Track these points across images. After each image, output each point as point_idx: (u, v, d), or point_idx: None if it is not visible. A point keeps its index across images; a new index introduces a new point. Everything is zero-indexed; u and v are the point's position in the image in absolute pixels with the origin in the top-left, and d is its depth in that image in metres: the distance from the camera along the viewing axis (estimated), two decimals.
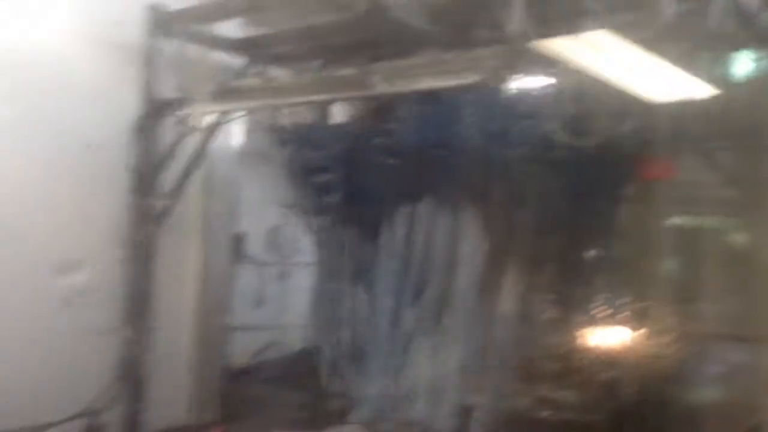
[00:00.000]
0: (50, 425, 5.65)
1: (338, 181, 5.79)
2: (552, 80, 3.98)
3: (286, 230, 8.80)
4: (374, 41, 4.76)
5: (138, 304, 6.22)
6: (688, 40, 3.82)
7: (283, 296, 8.99)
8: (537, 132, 4.00)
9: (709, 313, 4.81)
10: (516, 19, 4.30)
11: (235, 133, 7.27)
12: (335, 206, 5.91)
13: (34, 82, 5.77)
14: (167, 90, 6.13)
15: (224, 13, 6.24)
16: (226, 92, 5.52)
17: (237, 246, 7.98)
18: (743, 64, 4.23)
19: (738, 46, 4.12)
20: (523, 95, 4.12)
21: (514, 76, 4.05)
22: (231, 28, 6.66)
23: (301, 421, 6.22)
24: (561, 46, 3.59)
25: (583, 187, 4.50)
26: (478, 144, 4.65)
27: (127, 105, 6.17)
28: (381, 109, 5.18)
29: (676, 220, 4.64)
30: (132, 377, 6.15)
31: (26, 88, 5.71)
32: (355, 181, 5.61)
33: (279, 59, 6.59)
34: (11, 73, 5.63)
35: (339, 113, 6.80)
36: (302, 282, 7.84)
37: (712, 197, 4.99)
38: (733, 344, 4.79)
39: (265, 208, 8.57)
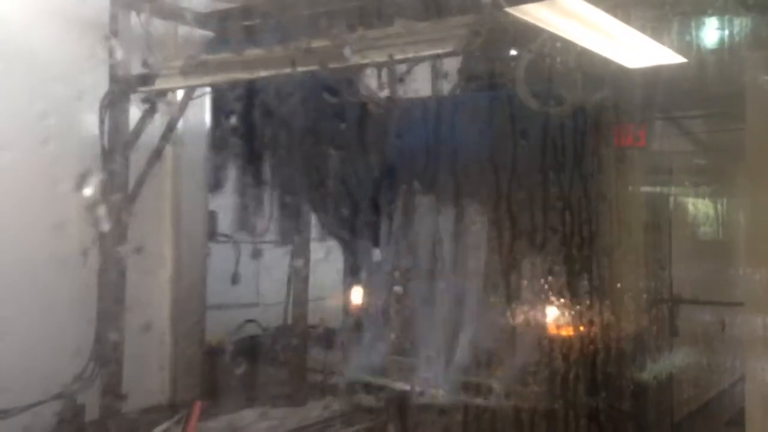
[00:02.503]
0: (23, 408, 5.58)
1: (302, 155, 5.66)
2: (523, 48, 3.96)
3: (259, 208, 8.71)
4: (346, 12, 4.69)
5: (112, 283, 6.13)
6: (659, 7, 3.83)
7: (258, 274, 8.94)
8: (507, 99, 3.98)
9: (680, 279, 4.89)
10: None
11: (206, 110, 7.17)
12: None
13: None
14: (134, 66, 6.01)
15: None
16: (195, 67, 5.41)
17: (210, 224, 7.90)
18: (714, 30, 4.25)
19: (709, 13, 4.14)
20: (495, 63, 4.09)
21: (486, 45, 4.02)
22: (198, 2, 6.53)
23: (280, 397, 6.23)
24: (533, 13, 3.57)
25: (554, 154, 4.52)
26: (446, 111, 4.63)
27: (94, 82, 6.03)
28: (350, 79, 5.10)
29: (648, 188, 4.68)
30: (108, 357, 6.07)
31: None
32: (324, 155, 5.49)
33: (248, 33, 6.48)
34: None
35: None
36: (277, 260, 7.81)
37: (683, 164, 5.06)
38: (703, 309, 4.88)
39: (238, 186, 8.48)
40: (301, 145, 5.43)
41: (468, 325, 4.64)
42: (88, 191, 6.04)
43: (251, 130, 5.63)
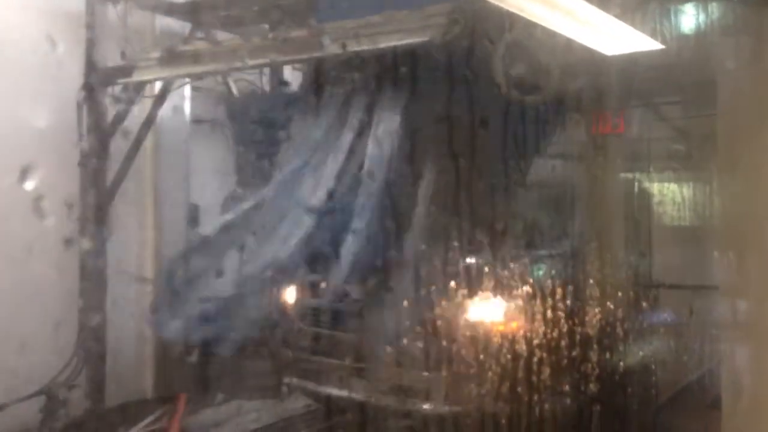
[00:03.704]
0: (6, 405, 5.54)
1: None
2: (501, 35, 3.96)
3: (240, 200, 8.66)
4: (323, 2, 4.68)
5: (93, 276, 6.09)
6: None
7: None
8: (486, 87, 3.98)
9: (659, 264, 4.93)
10: None
11: (185, 101, 7.12)
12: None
13: None
14: (112, 57, 5.96)
15: None
16: (173, 58, 5.39)
17: (191, 217, 7.85)
18: (691, 16, 4.27)
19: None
20: (473, 51, 4.09)
21: (464, 33, 4.02)
22: None
23: (261, 389, 6.21)
24: (509, 0, 3.56)
25: (531, 142, 4.53)
26: (427, 99, 4.61)
27: (71, 74, 5.97)
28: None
29: (626, 174, 4.71)
30: (91, 352, 6.05)
31: None
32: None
33: (225, 23, 6.43)
34: None
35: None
36: None
37: (662, 151, 5.10)
38: (681, 294, 4.93)
39: (219, 178, 8.43)
40: None
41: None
42: (66, 183, 6.03)
43: None
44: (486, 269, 4.21)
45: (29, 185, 5.90)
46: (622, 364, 4.69)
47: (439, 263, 4.34)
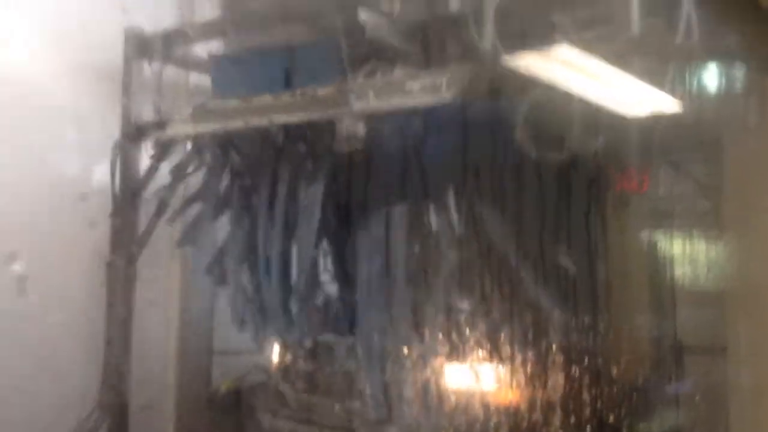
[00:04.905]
0: None
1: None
2: (523, 95, 4.05)
3: None
4: (349, 59, 4.82)
5: (119, 329, 6.16)
6: (655, 54, 3.91)
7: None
8: (507, 146, 4.04)
9: (683, 325, 4.86)
10: (487, 35, 4.40)
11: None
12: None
13: (9, 109, 5.79)
14: (146, 112, 6.16)
15: (201, 35, 6.30)
16: (204, 113, 5.54)
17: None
18: (712, 76, 4.34)
19: (706, 59, 4.24)
20: (494, 110, 4.17)
21: (487, 92, 4.11)
22: (206, 49, 6.72)
23: None
24: (531, 62, 3.66)
25: (554, 201, 4.56)
26: (447, 157, 4.69)
27: (106, 129, 6.19)
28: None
29: (650, 232, 4.69)
30: (114, 403, 6.07)
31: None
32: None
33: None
34: None
35: None
36: None
37: (685, 209, 5.08)
38: (706, 357, 4.83)
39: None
40: None
41: None
42: (99, 234, 6.19)
43: None
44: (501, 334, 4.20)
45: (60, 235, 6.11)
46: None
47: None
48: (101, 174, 6.24)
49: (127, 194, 6.19)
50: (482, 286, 4.43)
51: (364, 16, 4.65)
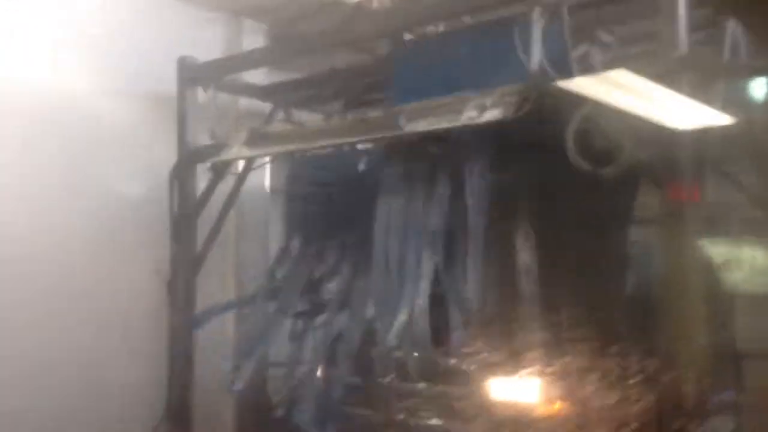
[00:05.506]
0: None
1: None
2: (574, 113, 4.11)
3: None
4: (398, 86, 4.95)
5: (181, 344, 6.37)
6: (704, 71, 3.95)
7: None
8: (561, 162, 4.11)
9: (741, 336, 4.84)
10: (535, 56, 4.48)
11: (265, 174, 7.49)
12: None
13: (72, 138, 6.09)
14: (200, 138, 6.39)
15: (249, 63, 6.51)
16: (257, 138, 5.73)
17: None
18: (760, 88, 4.35)
19: (754, 74, 4.26)
20: (545, 127, 4.24)
21: (537, 111, 4.18)
22: (257, 76, 6.95)
23: None
24: (580, 83, 3.73)
25: (608, 213, 4.60)
26: (504, 175, 4.77)
27: (163, 155, 6.43)
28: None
29: (705, 241, 4.69)
30: (178, 416, 6.29)
31: (63, 144, 6.03)
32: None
33: (303, 103, 6.85)
34: (49, 130, 5.94)
35: None
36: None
37: (738, 218, 5.08)
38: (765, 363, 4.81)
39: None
40: None
41: None
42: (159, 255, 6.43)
43: None
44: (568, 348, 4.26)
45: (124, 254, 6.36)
46: None
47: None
48: (160, 196, 6.45)
49: (185, 216, 6.42)
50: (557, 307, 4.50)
51: None
